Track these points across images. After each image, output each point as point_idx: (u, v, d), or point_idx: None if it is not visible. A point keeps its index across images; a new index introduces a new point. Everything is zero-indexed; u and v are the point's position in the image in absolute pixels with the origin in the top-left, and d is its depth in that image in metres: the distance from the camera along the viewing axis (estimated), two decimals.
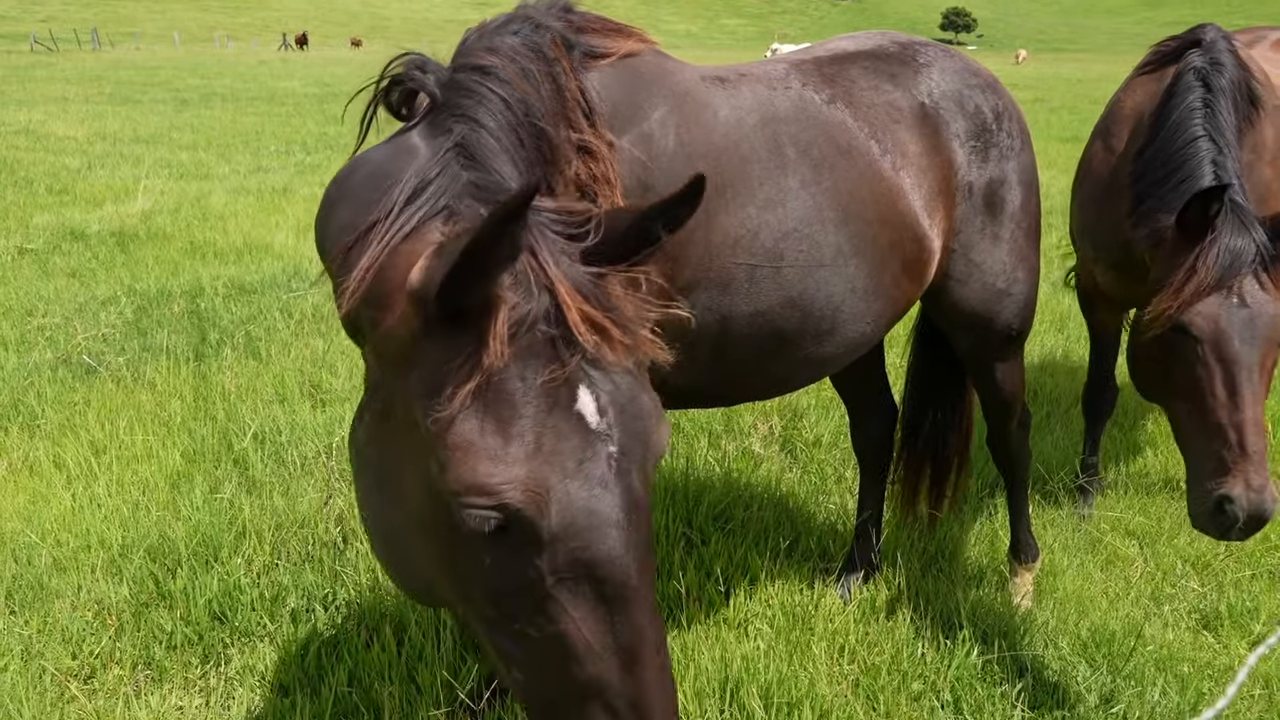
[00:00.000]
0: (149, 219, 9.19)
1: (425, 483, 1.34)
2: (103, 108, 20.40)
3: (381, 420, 1.43)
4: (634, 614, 1.33)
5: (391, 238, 1.43)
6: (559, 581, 1.30)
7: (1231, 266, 2.76)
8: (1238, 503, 2.64)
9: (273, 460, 4.24)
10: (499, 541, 1.29)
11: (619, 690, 1.32)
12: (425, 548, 1.40)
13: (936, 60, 2.73)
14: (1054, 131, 18.52)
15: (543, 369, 1.29)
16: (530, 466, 1.26)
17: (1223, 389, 2.74)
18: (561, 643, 1.32)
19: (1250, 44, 4.51)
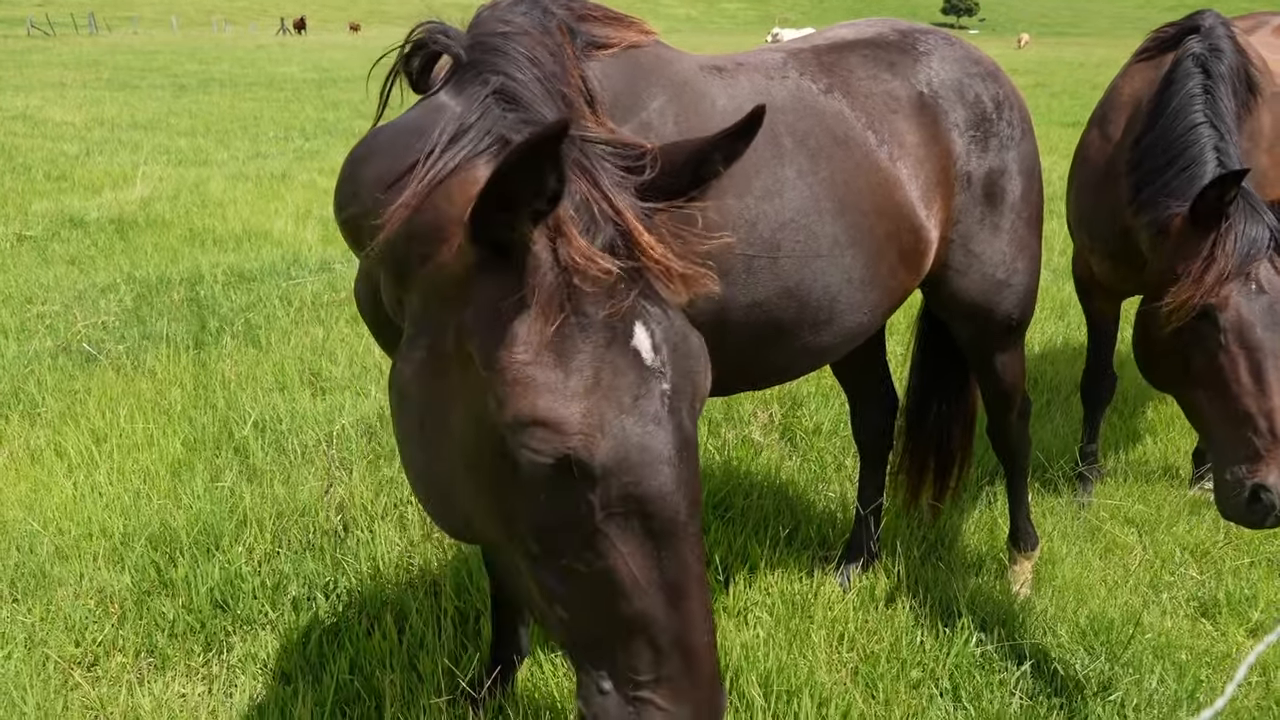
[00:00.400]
0: (148, 206, 9.18)
1: (477, 418, 1.34)
2: (100, 93, 20.34)
3: (430, 358, 1.42)
4: (681, 550, 1.34)
5: (437, 172, 1.42)
6: (609, 516, 1.31)
7: (1249, 253, 2.76)
8: (1274, 491, 2.62)
9: (273, 448, 4.25)
10: (552, 477, 1.29)
11: (664, 625, 1.33)
12: (470, 485, 1.41)
13: (936, 49, 2.72)
14: (1055, 116, 18.46)
15: (604, 303, 1.30)
16: (589, 402, 1.27)
17: (1248, 377, 2.72)
18: (609, 578, 1.33)
19: (1250, 30, 4.49)
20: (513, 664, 2.79)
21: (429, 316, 1.43)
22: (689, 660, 1.35)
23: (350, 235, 1.72)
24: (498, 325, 1.29)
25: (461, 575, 3.32)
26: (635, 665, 1.35)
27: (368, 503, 3.78)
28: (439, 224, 1.40)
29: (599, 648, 1.37)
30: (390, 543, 3.51)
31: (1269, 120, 3.52)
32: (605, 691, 1.37)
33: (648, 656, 1.35)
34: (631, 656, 1.35)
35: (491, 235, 1.28)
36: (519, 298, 1.28)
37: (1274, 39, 4.41)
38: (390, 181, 1.52)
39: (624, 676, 1.36)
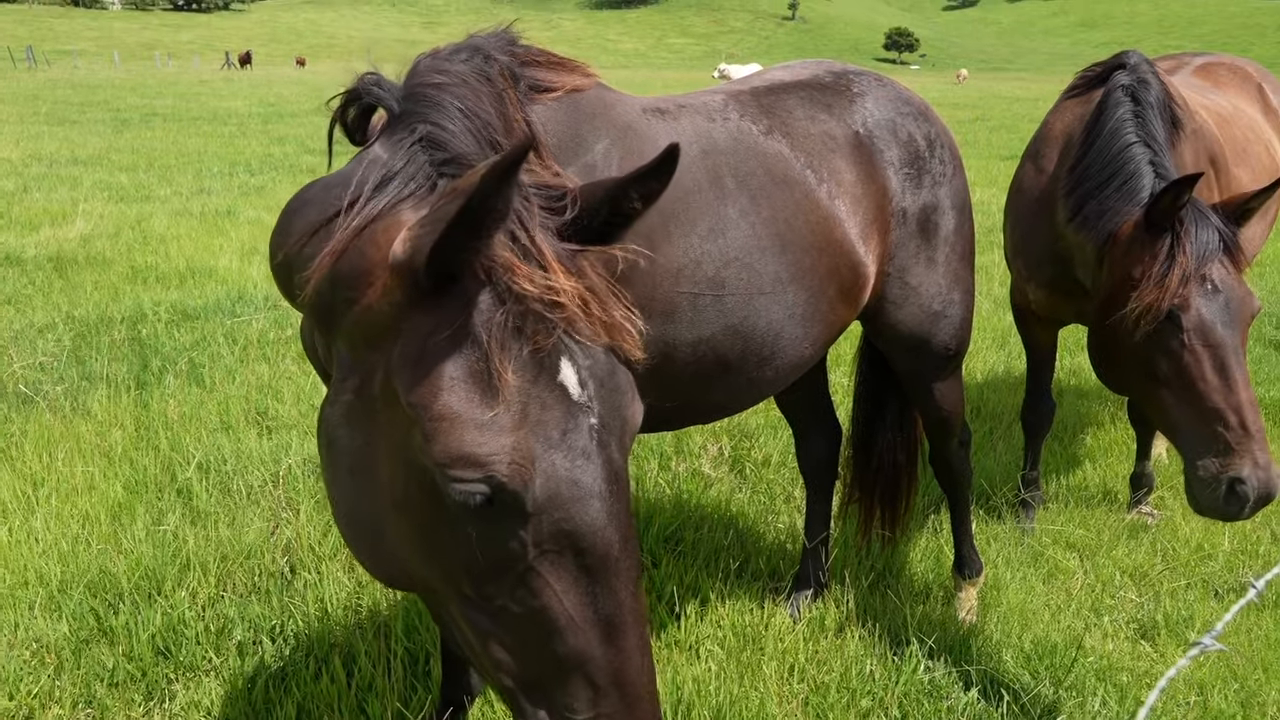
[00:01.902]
0: (88, 243, 9.01)
1: (405, 460, 1.33)
2: (39, 128, 19.95)
3: (357, 401, 1.41)
4: (615, 586, 1.34)
5: (363, 219, 1.42)
6: (542, 554, 1.30)
7: (1204, 255, 2.85)
8: (1249, 483, 2.69)
9: (218, 490, 4.18)
10: (483, 514, 1.28)
11: (600, 663, 1.33)
12: (401, 528, 1.39)
13: (870, 90, 2.80)
14: (994, 150, 18.96)
15: (529, 339, 1.30)
16: (517, 437, 1.26)
17: (1214, 374, 2.81)
18: (543, 616, 1.32)
19: (1172, 70, 4.68)
20: (464, 705, 2.76)
21: (356, 360, 1.43)
22: (626, 697, 1.34)
23: (282, 283, 1.72)
24: (424, 361, 1.29)
25: (411, 616, 3.28)
26: (572, 704, 1.34)
27: (315, 543, 3.73)
28: (364, 268, 1.40)
29: (536, 687, 1.37)
30: (338, 584, 3.46)
31: (1190, 155, 3.67)
32: None
33: (585, 695, 1.34)
34: (568, 695, 1.34)
35: (444, 267, 1.27)
36: (446, 334, 1.28)
37: (1194, 79, 4.61)
38: (316, 229, 1.53)
39: (561, 715, 1.35)
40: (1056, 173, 3.60)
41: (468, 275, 1.29)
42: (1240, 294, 2.87)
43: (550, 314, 1.31)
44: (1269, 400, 5.60)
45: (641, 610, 1.38)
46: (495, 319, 1.28)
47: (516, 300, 1.29)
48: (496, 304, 1.29)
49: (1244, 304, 2.87)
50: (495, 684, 1.42)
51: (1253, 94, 4.72)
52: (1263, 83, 4.85)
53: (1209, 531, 4.16)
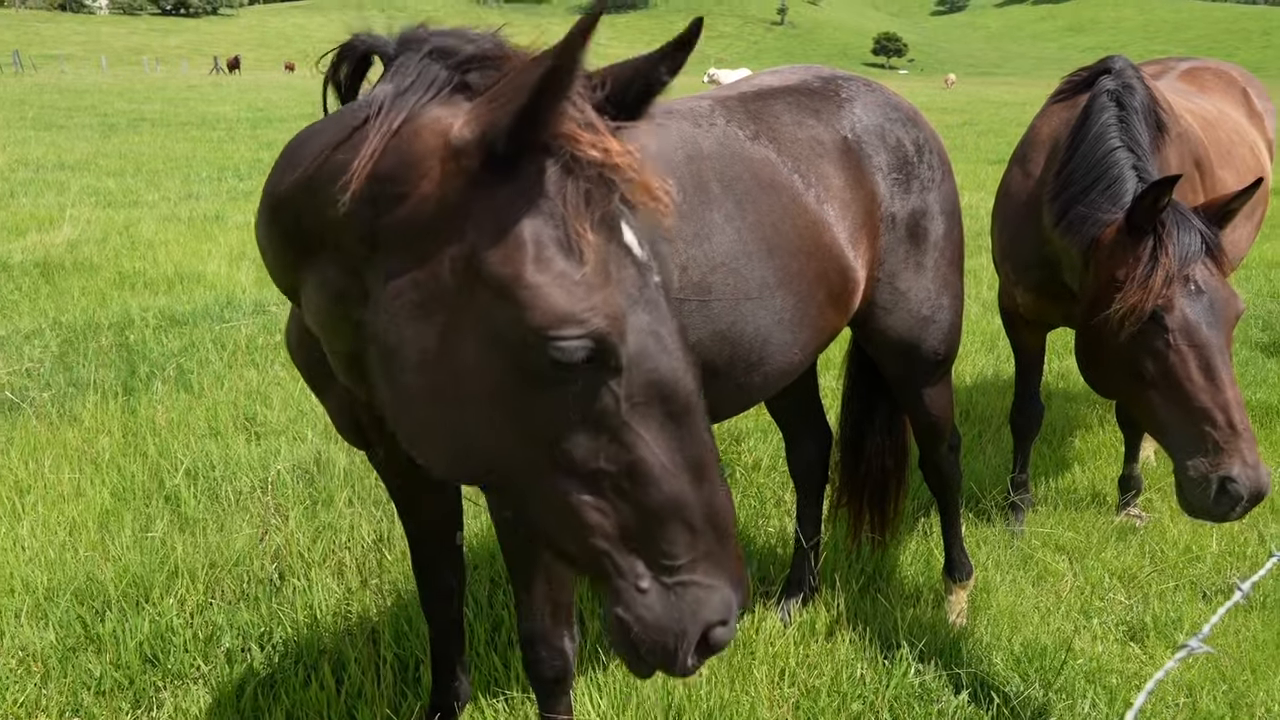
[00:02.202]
0: (75, 248, 8.96)
1: (492, 337, 1.34)
2: (26, 133, 19.86)
3: (421, 296, 1.40)
4: (697, 430, 1.42)
5: (394, 121, 1.41)
6: (633, 408, 1.36)
7: (1186, 256, 2.86)
8: (1239, 482, 2.69)
9: (206, 496, 4.16)
10: (580, 374, 1.33)
11: (695, 504, 1.40)
12: (486, 413, 1.39)
13: (859, 95, 2.81)
14: (982, 154, 19.05)
15: (598, 204, 1.36)
16: (606, 293, 1.33)
17: (1200, 374, 2.81)
18: (639, 469, 1.38)
19: (1157, 75, 4.71)
20: (453, 710, 2.75)
21: (413, 257, 1.40)
22: (720, 533, 1.42)
23: (288, 217, 1.61)
24: (507, 235, 1.33)
25: (400, 622, 3.27)
26: (672, 551, 1.40)
27: (304, 550, 3.72)
28: (413, 161, 1.39)
29: (631, 543, 1.41)
30: (328, 590, 3.45)
31: (1175, 159, 3.69)
32: (644, 589, 1.41)
33: (684, 538, 1.40)
34: (667, 543, 1.40)
35: (522, 139, 1.31)
36: (524, 206, 1.33)
37: (1179, 83, 4.64)
38: (337, 145, 1.49)
39: (660, 567, 1.41)
40: (1043, 177, 3.61)
41: (534, 149, 1.34)
42: (1224, 295, 2.88)
43: (612, 177, 1.37)
44: (1256, 402, 5.63)
45: (716, 451, 1.46)
46: (568, 186, 1.34)
47: (582, 167, 1.34)
48: (565, 173, 1.34)
49: (1228, 305, 2.88)
50: (587, 552, 1.44)
51: (1237, 97, 4.76)
52: (1247, 86, 4.89)
53: (1196, 533, 4.18)
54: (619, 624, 1.43)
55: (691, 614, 1.41)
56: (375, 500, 4.13)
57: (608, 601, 1.45)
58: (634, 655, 1.45)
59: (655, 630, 1.42)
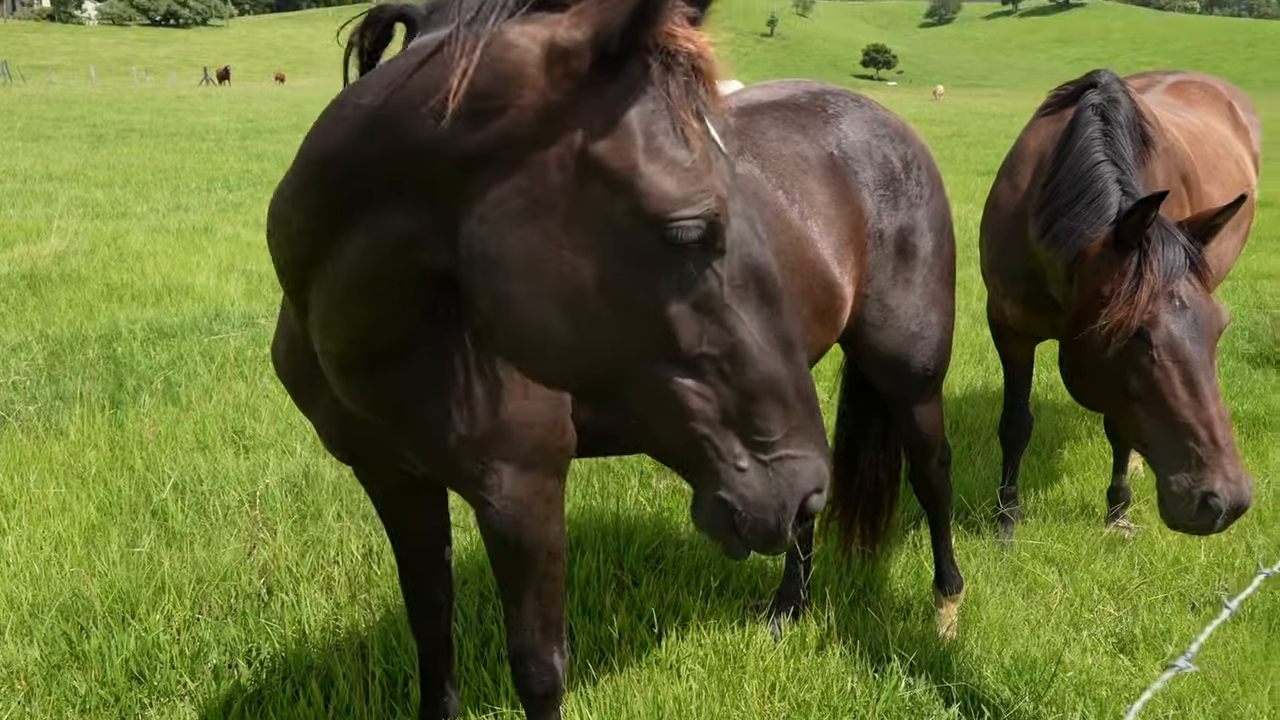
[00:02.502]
0: (62, 260, 8.92)
1: (607, 230, 1.41)
2: (14, 144, 19.80)
3: (529, 205, 1.43)
4: (785, 311, 1.51)
5: (479, 39, 1.42)
6: (733, 289, 1.45)
7: (1172, 272, 2.89)
8: (1221, 496, 2.73)
9: (193, 511, 4.13)
10: (692, 256, 1.40)
11: (787, 380, 1.48)
12: (597, 309, 1.44)
13: (846, 111, 2.82)
14: (972, 165, 19.14)
15: (696, 94, 1.43)
16: (713, 178, 1.41)
17: (1184, 389, 2.84)
18: (739, 349, 1.45)
19: (1143, 89, 4.74)
20: None
21: (514, 167, 1.43)
22: (809, 406, 1.51)
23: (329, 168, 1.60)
24: (621, 129, 1.39)
25: (389, 637, 3.25)
26: (767, 427, 1.48)
27: (292, 564, 3.70)
28: (510, 74, 1.40)
29: (730, 423, 1.47)
30: (316, 605, 3.43)
31: (1162, 173, 3.71)
32: (744, 468, 1.47)
33: (778, 414, 1.48)
34: (763, 419, 1.47)
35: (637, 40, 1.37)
36: (633, 101, 1.39)
37: (1166, 97, 4.67)
38: (410, 73, 1.48)
39: (756, 445, 1.48)
40: (1030, 190, 3.63)
41: (637, 48, 1.39)
42: (1208, 310, 2.91)
43: (703, 70, 1.44)
44: (1244, 414, 5.66)
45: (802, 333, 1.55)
46: (670, 79, 1.41)
47: (678, 61, 1.41)
48: (665, 67, 1.41)
49: (1212, 319, 2.90)
50: (687, 438, 1.48)
51: (1223, 111, 4.79)
52: (1232, 100, 4.92)
53: (1185, 545, 4.19)
54: (721, 507, 1.48)
55: (789, 486, 1.48)
56: (364, 514, 4.12)
57: (705, 487, 1.50)
58: (734, 538, 1.50)
59: (757, 507, 1.48)
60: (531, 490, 2.09)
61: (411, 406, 1.93)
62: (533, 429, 2.05)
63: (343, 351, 1.82)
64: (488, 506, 2.08)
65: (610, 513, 4.18)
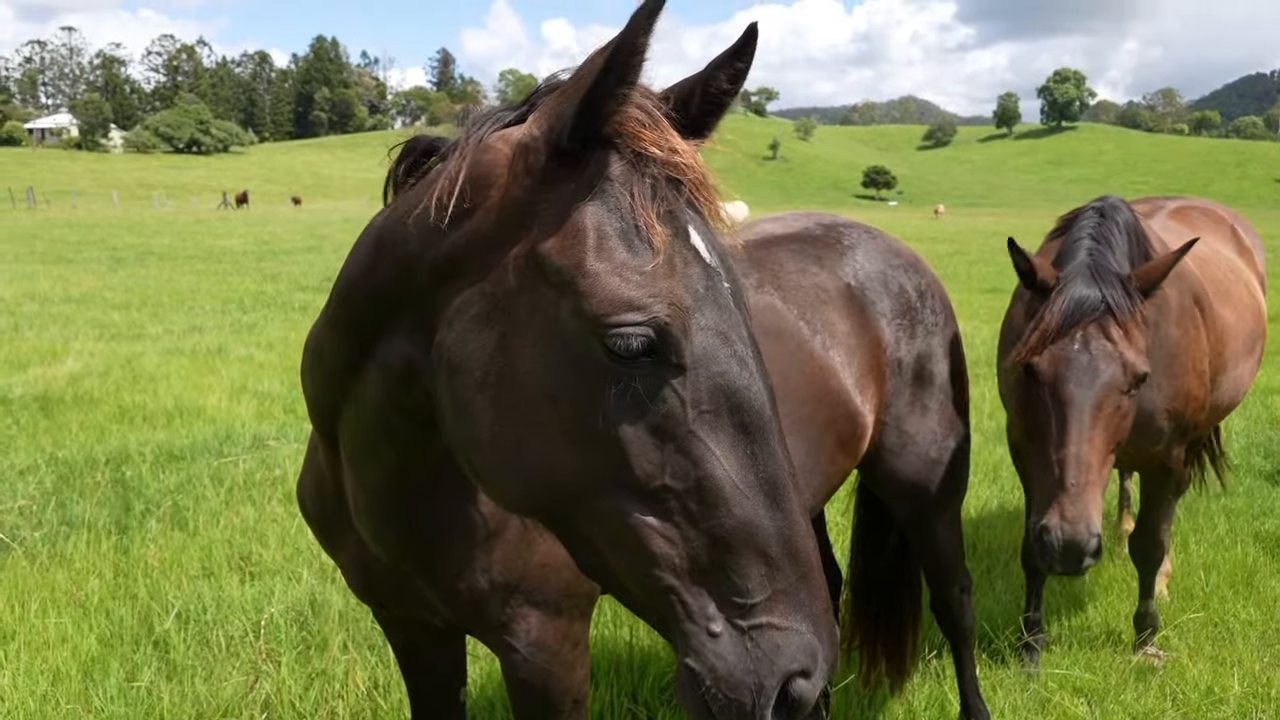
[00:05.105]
0: (76, 382, 8.99)
1: (554, 335, 1.32)
2: (34, 267, 20.24)
3: (486, 306, 1.39)
4: (774, 446, 1.32)
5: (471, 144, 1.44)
6: (700, 415, 1.29)
7: (1074, 314, 3.02)
8: (1053, 533, 2.86)
9: (196, 641, 4.03)
10: (642, 370, 1.28)
11: (770, 530, 1.28)
12: (548, 422, 1.33)
13: (860, 242, 2.88)
14: (974, 283, 19.39)
15: (663, 200, 1.34)
16: (670, 283, 1.29)
17: (1055, 428, 2.96)
18: (707, 485, 1.28)
19: (1148, 215, 4.83)
20: None
21: (479, 269, 1.41)
22: (800, 567, 1.29)
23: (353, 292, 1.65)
24: (571, 226, 1.32)
25: None
26: (745, 586, 1.28)
27: (296, 698, 3.58)
28: (483, 173, 1.42)
29: (702, 576, 1.29)
30: None
31: (1175, 296, 3.74)
32: (716, 633, 1.28)
33: (758, 571, 1.28)
34: (740, 577, 1.28)
35: (588, 128, 1.31)
36: (588, 197, 1.32)
37: (1170, 222, 4.74)
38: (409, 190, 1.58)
39: (733, 606, 1.28)
40: None
41: (600, 143, 1.34)
42: (1103, 354, 2.99)
43: (678, 177, 1.36)
44: (1265, 533, 5.55)
45: (797, 475, 1.36)
46: (634, 179, 1.33)
47: (646, 163, 1.33)
48: (630, 168, 1.34)
49: (1109, 365, 2.99)
50: (652, 588, 1.32)
51: (1226, 235, 4.87)
52: (1234, 224, 5.00)
53: (1218, 674, 4.04)
54: (689, 676, 1.29)
55: (769, 663, 1.26)
56: (370, 644, 4.01)
57: (678, 650, 1.33)
58: (705, 715, 1.29)
59: (729, 684, 1.26)
60: (559, 636, 2.03)
61: (438, 549, 1.88)
62: (560, 572, 1.97)
63: (381, 483, 1.78)
64: (514, 654, 2.01)
65: (624, 642, 4.07)
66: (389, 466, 1.72)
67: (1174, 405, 3.76)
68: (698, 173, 1.38)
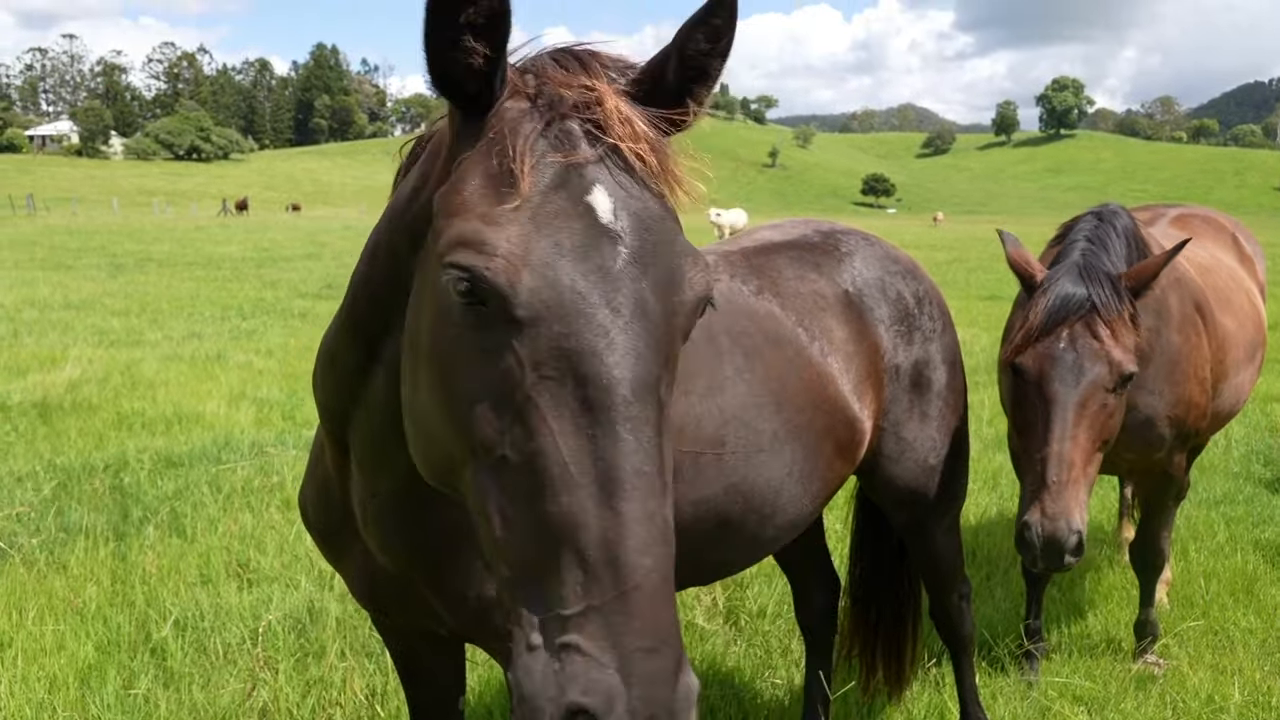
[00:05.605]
0: (75, 388, 8.98)
1: (431, 285, 1.29)
2: (34, 273, 20.23)
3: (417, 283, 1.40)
4: (620, 431, 1.13)
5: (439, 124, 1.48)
6: (540, 380, 1.16)
7: (1060, 311, 3.04)
8: (1033, 529, 2.89)
9: (193, 649, 4.02)
10: (479, 320, 1.19)
11: (593, 529, 1.09)
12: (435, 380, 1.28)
13: (858, 249, 2.87)
14: (974, 290, 19.39)
15: (564, 150, 1.26)
16: (521, 231, 1.19)
17: (1040, 425, 3.00)
18: (537, 463, 1.13)
19: (1149, 222, 4.82)
20: None
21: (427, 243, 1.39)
22: (621, 581, 1.07)
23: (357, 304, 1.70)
24: (455, 173, 1.31)
25: None
26: (562, 594, 1.09)
27: (293, 706, 3.57)
28: (434, 150, 1.46)
29: (528, 574, 1.13)
30: None
31: (1176, 304, 3.74)
32: (533, 646, 1.10)
33: (573, 578, 1.09)
34: (559, 582, 1.09)
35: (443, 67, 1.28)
36: (480, 145, 1.30)
37: (1171, 230, 4.74)
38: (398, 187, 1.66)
39: (553, 616, 1.09)
40: None
41: (506, 93, 1.31)
42: (1089, 352, 3.01)
43: (593, 137, 1.28)
44: (1265, 541, 5.54)
45: (656, 475, 1.15)
46: (525, 124, 1.27)
47: (551, 106, 1.29)
48: (532, 113, 1.29)
49: (1094, 363, 3.00)
50: (498, 579, 1.21)
51: (1228, 243, 4.86)
52: (1235, 232, 5.00)
53: (1218, 682, 4.03)
54: (510, 690, 1.12)
55: (558, 690, 1.06)
56: (368, 652, 4.00)
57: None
58: None
59: (528, 708, 1.08)
60: None
61: (446, 557, 1.87)
62: None
63: (390, 490, 1.78)
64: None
65: None
66: (399, 472, 1.71)
67: (1175, 412, 3.75)
68: (618, 119, 1.28)
